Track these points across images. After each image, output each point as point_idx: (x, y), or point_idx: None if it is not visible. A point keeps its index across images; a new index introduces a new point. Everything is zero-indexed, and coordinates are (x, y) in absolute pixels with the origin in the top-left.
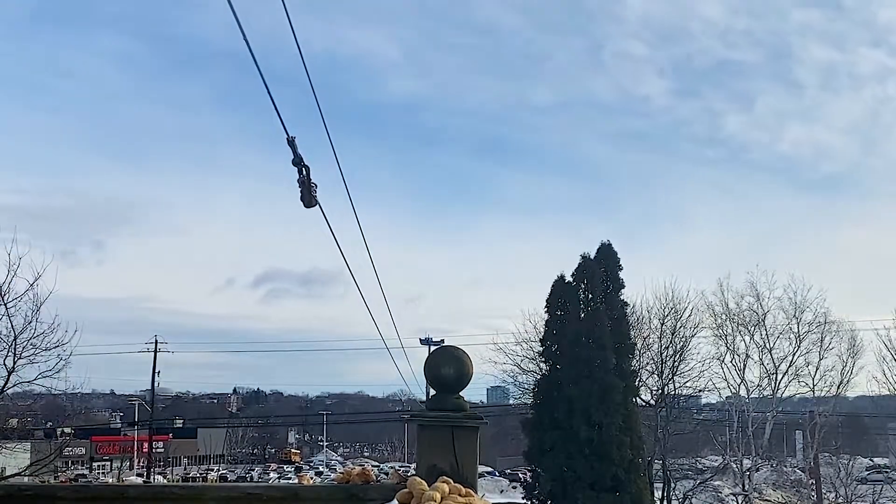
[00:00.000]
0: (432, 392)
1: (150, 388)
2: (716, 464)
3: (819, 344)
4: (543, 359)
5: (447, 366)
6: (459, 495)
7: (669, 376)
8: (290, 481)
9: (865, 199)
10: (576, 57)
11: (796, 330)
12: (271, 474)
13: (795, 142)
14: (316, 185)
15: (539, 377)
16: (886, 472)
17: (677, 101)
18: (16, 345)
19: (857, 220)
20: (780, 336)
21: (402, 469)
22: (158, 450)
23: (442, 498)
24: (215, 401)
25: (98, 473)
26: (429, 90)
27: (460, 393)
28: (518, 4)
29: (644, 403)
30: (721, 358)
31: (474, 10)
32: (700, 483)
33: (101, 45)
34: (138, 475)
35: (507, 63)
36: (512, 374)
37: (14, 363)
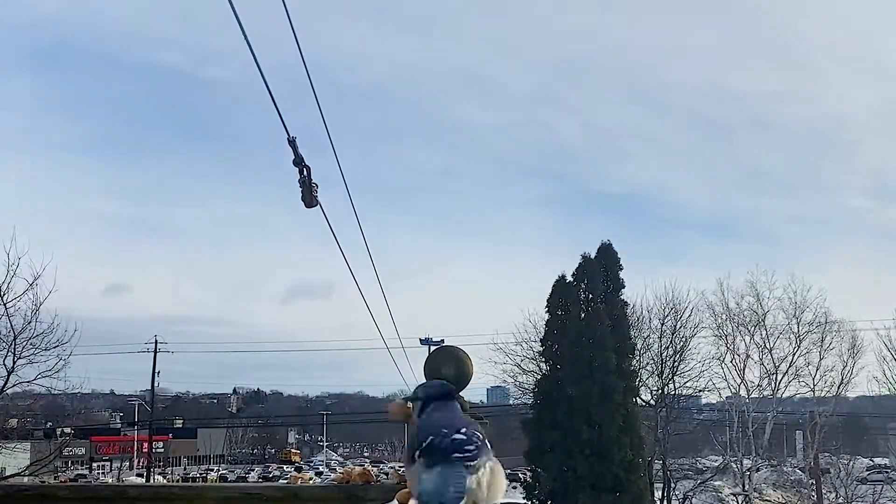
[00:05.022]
0: None
1: (149, 387)
2: (716, 464)
3: (819, 344)
4: (543, 359)
5: (447, 366)
6: None
7: (669, 376)
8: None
9: None
10: (800, 179)
11: (796, 330)
12: (272, 474)
13: None
14: (317, 185)
15: (539, 377)
16: (887, 472)
17: (867, 207)
18: (15, 345)
19: None
20: (780, 336)
21: (402, 469)
22: (158, 450)
23: None
24: (215, 401)
25: (98, 473)
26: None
27: (460, 393)
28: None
29: (644, 403)
30: (721, 358)
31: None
32: (700, 483)
33: None
34: (138, 475)
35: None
36: (512, 373)
37: (14, 363)
